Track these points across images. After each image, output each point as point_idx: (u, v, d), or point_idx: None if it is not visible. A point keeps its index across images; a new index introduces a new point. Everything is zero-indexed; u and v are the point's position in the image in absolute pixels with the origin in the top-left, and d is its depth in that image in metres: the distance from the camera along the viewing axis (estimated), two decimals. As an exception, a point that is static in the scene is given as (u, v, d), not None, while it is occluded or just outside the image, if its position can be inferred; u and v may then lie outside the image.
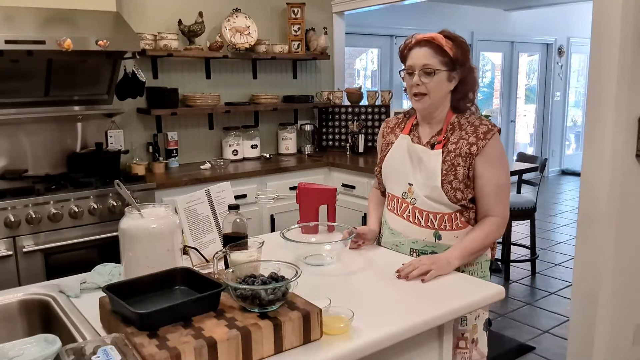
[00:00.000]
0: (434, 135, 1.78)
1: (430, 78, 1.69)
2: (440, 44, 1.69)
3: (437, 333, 1.46)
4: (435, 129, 1.79)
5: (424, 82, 1.70)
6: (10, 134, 3.11)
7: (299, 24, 4.07)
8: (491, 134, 1.70)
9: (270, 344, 1.14)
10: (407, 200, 1.77)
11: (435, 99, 1.73)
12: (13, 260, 2.60)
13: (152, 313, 1.12)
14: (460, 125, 1.75)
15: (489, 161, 1.70)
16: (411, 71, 1.73)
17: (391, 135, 1.90)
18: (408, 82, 1.75)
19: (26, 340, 1.20)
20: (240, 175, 3.40)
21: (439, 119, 1.78)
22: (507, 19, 7.34)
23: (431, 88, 1.70)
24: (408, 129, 1.84)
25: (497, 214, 1.71)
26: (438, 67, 1.69)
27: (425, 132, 1.81)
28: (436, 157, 1.72)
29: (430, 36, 1.71)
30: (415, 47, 1.73)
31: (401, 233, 1.80)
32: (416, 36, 1.75)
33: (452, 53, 1.70)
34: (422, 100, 1.73)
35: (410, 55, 1.74)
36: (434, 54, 1.69)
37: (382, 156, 1.90)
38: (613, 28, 2.26)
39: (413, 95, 1.74)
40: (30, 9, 2.79)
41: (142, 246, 1.38)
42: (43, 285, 1.55)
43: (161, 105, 3.50)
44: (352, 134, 4.10)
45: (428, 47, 1.70)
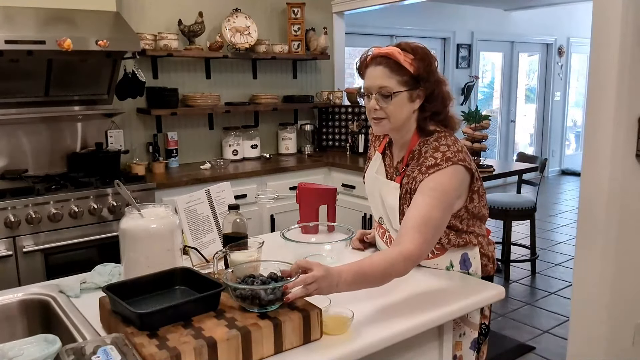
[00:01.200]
0: (399, 162, 1.63)
1: (389, 101, 1.49)
2: (398, 60, 1.49)
3: (437, 333, 1.46)
4: (402, 154, 1.63)
5: (382, 106, 1.51)
6: (10, 134, 3.11)
7: (299, 24, 4.07)
8: (435, 169, 1.48)
9: (270, 344, 1.14)
10: (383, 225, 1.70)
11: (397, 123, 1.54)
12: (13, 260, 2.60)
13: (152, 313, 1.12)
14: (419, 155, 1.56)
15: (423, 194, 1.47)
16: (367, 94, 1.54)
17: (372, 148, 1.80)
18: (366, 104, 1.55)
19: (26, 340, 1.20)
20: (240, 175, 3.40)
21: (404, 142, 1.61)
22: (507, 19, 7.34)
23: (390, 112, 1.51)
24: (382, 147, 1.72)
25: (411, 246, 1.39)
26: (396, 88, 1.49)
27: (396, 152, 1.67)
28: (395, 191, 1.58)
29: (385, 52, 1.51)
30: (370, 64, 1.53)
31: None
32: (373, 51, 1.56)
33: (413, 69, 1.49)
34: (380, 124, 1.55)
35: (367, 74, 1.55)
36: (391, 73, 1.49)
37: (365, 167, 1.82)
38: (613, 28, 2.26)
39: (372, 118, 1.56)
40: (30, 9, 2.79)
41: (142, 246, 1.38)
42: (43, 285, 1.55)
43: (161, 105, 3.50)
44: (352, 134, 4.10)
45: (384, 66, 1.50)
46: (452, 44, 6.66)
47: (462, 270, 1.63)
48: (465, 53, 6.87)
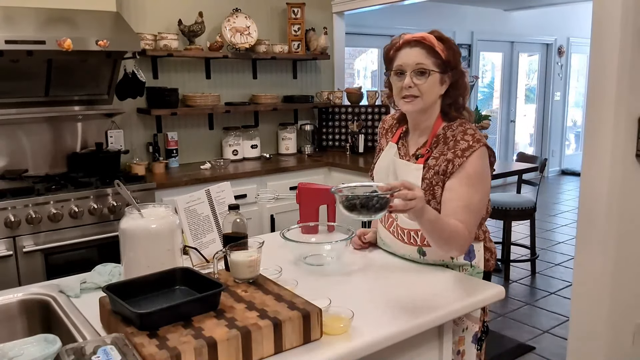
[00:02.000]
0: (420, 147, 1.68)
1: (424, 79, 1.58)
2: (432, 45, 1.59)
3: (437, 333, 1.46)
4: (422, 140, 1.69)
5: (416, 83, 1.58)
6: (10, 134, 3.11)
7: (299, 24, 4.07)
8: (470, 151, 1.55)
9: (270, 344, 1.14)
10: (392, 215, 1.69)
11: (427, 102, 1.61)
12: (13, 260, 2.60)
13: (152, 313, 1.12)
14: (445, 139, 1.63)
15: (463, 179, 1.54)
16: (401, 71, 1.60)
17: (384, 139, 1.84)
18: (396, 83, 1.62)
19: (26, 340, 1.20)
20: (240, 175, 3.40)
21: (427, 127, 1.67)
22: (507, 19, 7.34)
23: (424, 90, 1.58)
24: (397, 137, 1.76)
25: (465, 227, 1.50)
26: (431, 67, 1.58)
27: (413, 141, 1.72)
28: (416, 172, 1.62)
29: (420, 36, 1.60)
30: (404, 47, 1.61)
31: (391, 247, 1.76)
32: (404, 36, 1.64)
33: (444, 55, 1.59)
34: (413, 102, 1.60)
35: (399, 55, 1.62)
36: (427, 54, 1.58)
37: (374, 160, 1.85)
38: (613, 28, 2.26)
39: (402, 97, 1.61)
40: (30, 9, 2.79)
41: (142, 246, 1.38)
42: (43, 285, 1.55)
43: (161, 105, 3.50)
44: (352, 134, 4.10)
45: (420, 47, 1.59)
46: (452, 44, 6.66)
47: (465, 260, 1.66)
48: (465, 53, 6.87)
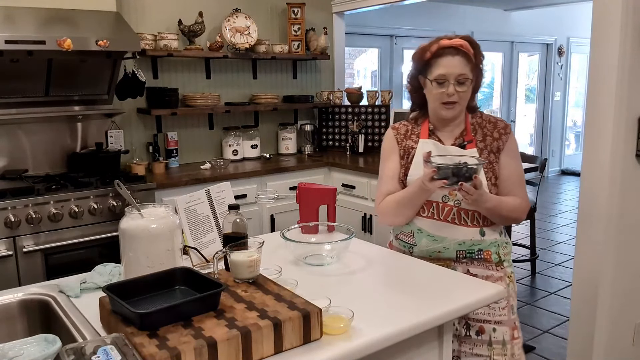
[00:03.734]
0: (458, 137, 1.80)
1: (465, 87, 1.70)
2: (470, 52, 1.70)
3: (437, 333, 1.46)
4: (457, 131, 1.81)
5: (458, 91, 1.70)
6: (10, 134, 3.11)
7: (299, 24, 4.07)
8: (509, 128, 1.80)
9: (270, 344, 1.14)
10: (449, 203, 1.75)
11: (464, 105, 1.76)
12: (13, 260, 2.60)
13: (152, 313, 1.12)
14: (479, 124, 1.81)
15: (511, 154, 1.77)
16: (443, 80, 1.70)
17: (408, 141, 1.85)
18: (437, 90, 1.72)
19: (26, 340, 1.20)
20: (240, 175, 3.40)
21: (459, 121, 1.80)
22: (507, 19, 7.34)
23: (463, 96, 1.72)
24: (426, 134, 1.82)
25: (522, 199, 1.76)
26: (470, 75, 1.70)
27: (447, 135, 1.81)
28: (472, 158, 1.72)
29: (459, 43, 1.70)
30: (445, 54, 1.70)
31: (446, 237, 1.76)
32: (442, 42, 1.72)
33: (476, 60, 1.73)
34: (453, 108, 1.73)
35: (440, 63, 1.71)
36: (467, 62, 1.70)
37: (405, 163, 1.84)
38: (613, 28, 2.26)
39: (443, 103, 1.73)
40: (30, 9, 2.79)
41: (142, 246, 1.38)
42: (43, 285, 1.55)
43: (161, 105, 3.50)
44: (352, 134, 4.10)
45: (461, 56, 1.69)
46: (452, 44, 6.66)
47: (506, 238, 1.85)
48: (465, 53, 6.87)
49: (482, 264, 1.76)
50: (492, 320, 1.74)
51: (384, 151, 1.91)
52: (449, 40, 1.71)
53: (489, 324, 1.74)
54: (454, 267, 1.76)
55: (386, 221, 1.88)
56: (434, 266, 1.73)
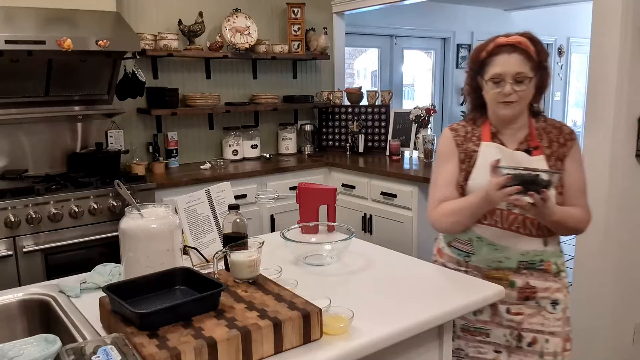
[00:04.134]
0: (522, 142, 1.70)
1: (524, 86, 1.61)
2: (528, 49, 1.61)
3: (437, 333, 1.46)
4: (520, 135, 1.71)
5: (516, 90, 1.61)
6: (10, 134, 3.11)
7: (299, 24, 4.07)
8: (574, 134, 1.71)
9: (270, 344, 1.14)
10: (514, 211, 1.65)
11: (524, 105, 1.66)
12: (13, 260, 2.60)
13: (152, 313, 1.12)
14: (544, 129, 1.71)
15: (576, 161, 1.69)
16: (499, 80, 1.62)
17: (469, 144, 1.74)
18: (493, 90, 1.64)
19: (26, 340, 1.20)
20: (240, 175, 3.40)
21: (522, 124, 1.70)
22: (507, 19, 7.33)
23: (523, 95, 1.62)
24: (488, 136, 1.72)
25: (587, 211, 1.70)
26: (530, 74, 1.61)
27: (510, 139, 1.71)
28: (540, 163, 1.65)
29: (517, 40, 1.61)
30: (501, 52, 1.62)
31: (509, 247, 1.67)
32: (498, 40, 1.64)
33: (537, 58, 1.63)
34: (511, 106, 1.63)
35: (496, 61, 1.63)
36: (525, 60, 1.61)
37: (466, 167, 1.73)
38: (613, 28, 2.26)
39: (500, 102, 1.64)
40: (30, 9, 2.79)
41: (142, 246, 1.38)
42: (43, 285, 1.55)
43: (161, 105, 3.50)
44: (352, 134, 4.10)
45: (518, 53, 1.60)
46: (452, 44, 6.65)
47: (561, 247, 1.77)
48: (465, 53, 6.87)
49: (542, 275, 1.68)
50: (546, 331, 1.67)
51: (441, 154, 1.79)
52: (505, 37, 1.63)
53: (542, 334, 1.67)
54: (513, 279, 1.67)
55: (440, 229, 1.79)
56: (434, 266, 1.73)
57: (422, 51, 6.60)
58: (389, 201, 3.37)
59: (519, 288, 1.67)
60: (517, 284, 1.67)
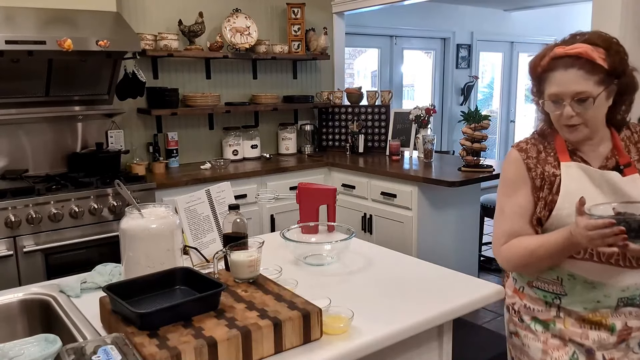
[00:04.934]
0: (609, 157, 1.43)
1: (587, 106, 1.34)
2: (592, 59, 1.32)
3: (437, 333, 1.46)
4: (603, 149, 1.44)
5: (577, 112, 1.35)
6: (10, 134, 3.11)
7: (299, 24, 4.07)
8: None
9: (270, 343, 1.14)
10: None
11: (594, 127, 1.39)
12: (13, 260, 2.60)
13: (152, 313, 1.12)
14: (629, 138, 1.45)
15: None
16: (558, 100, 1.37)
17: (545, 166, 1.46)
18: (553, 111, 1.40)
19: (26, 340, 1.20)
20: (240, 175, 3.40)
21: (601, 137, 1.44)
22: (507, 19, 7.34)
23: (589, 117, 1.36)
24: (566, 154, 1.44)
25: None
26: (595, 91, 1.33)
27: (592, 155, 1.44)
28: (634, 183, 1.38)
29: (576, 52, 1.33)
30: (558, 68, 1.36)
31: (607, 282, 1.40)
32: (555, 51, 1.37)
33: (607, 64, 1.33)
34: (577, 130, 1.38)
35: (553, 80, 1.37)
36: (586, 75, 1.33)
37: (548, 195, 1.43)
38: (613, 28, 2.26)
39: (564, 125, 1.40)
40: (31, 9, 2.79)
41: (142, 246, 1.38)
42: (43, 285, 1.55)
43: (161, 105, 3.50)
44: (352, 134, 4.11)
45: (577, 68, 1.33)
46: (452, 44, 6.66)
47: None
48: (465, 53, 6.87)
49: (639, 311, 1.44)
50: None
51: (508, 181, 1.51)
52: (563, 48, 1.35)
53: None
54: (613, 322, 1.42)
55: (511, 269, 1.55)
56: (433, 266, 1.73)
57: (422, 51, 6.60)
58: (389, 201, 3.37)
59: (619, 332, 1.43)
60: (617, 328, 1.42)
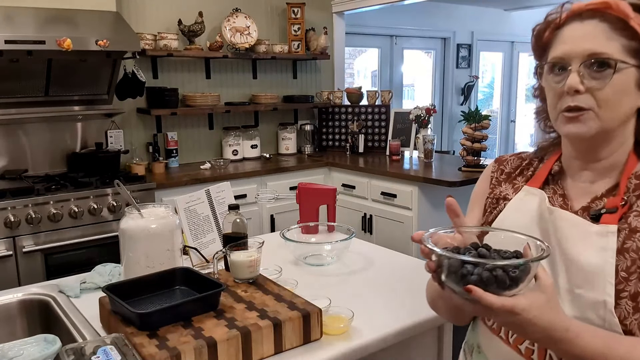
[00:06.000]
0: (600, 196, 0.92)
1: (603, 78, 0.84)
2: (624, 15, 0.85)
3: (437, 333, 1.46)
4: (603, 183, 0.93)
5: (589, 86, 0.85)
6: (10, 134, 3.11)
7: (299, 24, 4.07)
8: None
9: (270, 344, 1.14)
10: None
11: (610, 120, 0.87)
12: (13, 260, 2.60)
13: (152, 313, 1.12)
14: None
15: None
16: (562, 65, 0.88)
17: (504, 186, 1.04)
18: (553, 86, 0.90)
19: (26, 341, 1.20)
20: (240, 175, 3.40)
21: (609, 165, 0.92)
22: (507, 19, 7.34)
23: (605, 98, 0.85)
24: (540, 180, 0.99)
25: None
26: (621, 56, 0.84)
27: (579, 189, 0.95)
28: (601, 240, 0.86)
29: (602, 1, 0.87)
30: (571, 21, 0.89)
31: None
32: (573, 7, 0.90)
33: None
34: (582, 120, 0.87)
35: (561, 36, 0.89)
36: (612, 31, 0.85)
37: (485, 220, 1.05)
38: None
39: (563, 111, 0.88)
40: (30, 9, 2.79)
41: (141, 246, 1.38)
42: (43, 285, 1.55)
43: (161, 105, 3.50)
44: (352, 134, 4.10)
45: (599, 20, 0.86)
46: (452, 44, 6.66)
47: None
48: (465, 53, 6.87)
49: None
50: None
51: (472, 196, 1.13)
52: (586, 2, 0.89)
53: None
54: None
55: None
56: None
57: (422, 51, 6.60)
58: (389, 201, 3.37)
59: None
60: None
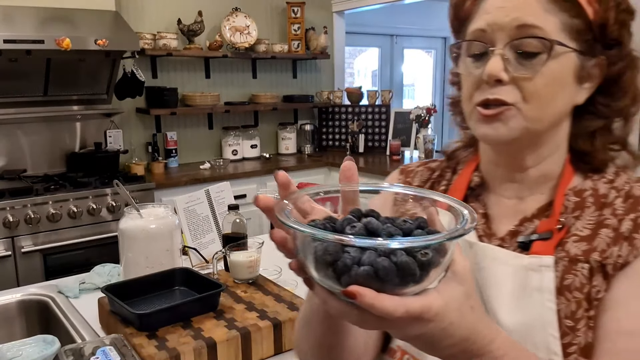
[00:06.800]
0: (530, 217, 0.74)
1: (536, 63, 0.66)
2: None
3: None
4: (532, 201, 0.75)
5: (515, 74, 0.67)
6: (9, 134, 3.10)
7: (298, 23, 4.06)
8: None
9: (270, 344, 1.14)
10: None
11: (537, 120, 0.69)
12: (12, 260, 2.59)
13: (151, 313, 1.12)
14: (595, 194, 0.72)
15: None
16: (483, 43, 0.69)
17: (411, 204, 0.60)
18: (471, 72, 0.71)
19: (25, 341, 1.19)
20: (240, 175, 3.39)
21: (540, 175, 0.75)
22: (507, 19, 7.34)
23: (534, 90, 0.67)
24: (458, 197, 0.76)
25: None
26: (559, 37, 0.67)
27: (505, 206, 0.77)
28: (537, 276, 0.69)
29: None
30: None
31: None
32: None
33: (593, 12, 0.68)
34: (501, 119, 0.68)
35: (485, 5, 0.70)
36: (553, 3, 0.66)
37: None
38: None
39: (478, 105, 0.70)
40: (29, 8, 2.78)
41: (141, 246, 1.37)
42: (42, 286, 1.54)
43: (160, 105, 3.49)
44: (352, 134, 4.10)
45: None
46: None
47: None
48: (465, 53, 6.88)
49: None
50: None
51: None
52: None
53: None
54: None
55: None
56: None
57: (423, 50, 6.60)
58: (389, 201, 3.36)
59: None
60: None
